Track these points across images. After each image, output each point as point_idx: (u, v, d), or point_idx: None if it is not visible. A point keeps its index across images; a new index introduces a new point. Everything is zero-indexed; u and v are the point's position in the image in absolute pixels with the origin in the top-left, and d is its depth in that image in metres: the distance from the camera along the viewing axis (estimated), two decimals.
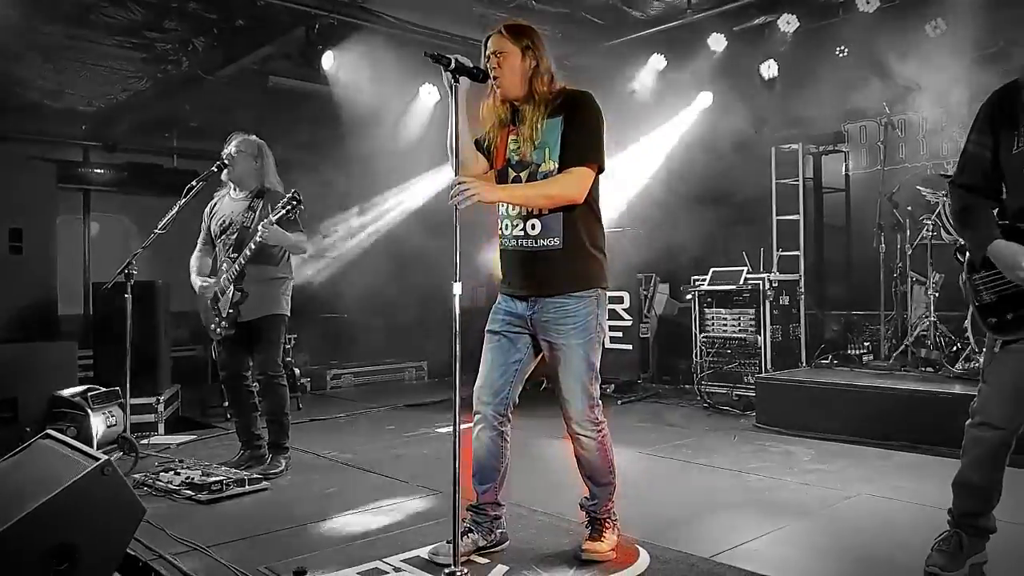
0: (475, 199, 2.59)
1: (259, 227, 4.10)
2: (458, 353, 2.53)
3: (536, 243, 2.86)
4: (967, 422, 2.66)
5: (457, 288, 2.50)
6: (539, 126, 2.81)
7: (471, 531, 2.99)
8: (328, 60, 6.19)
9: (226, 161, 4.38)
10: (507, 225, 2.93)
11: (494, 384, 2.95)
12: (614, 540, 3.01)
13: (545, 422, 4.36)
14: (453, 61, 2.60)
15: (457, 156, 2.78)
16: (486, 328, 3.00)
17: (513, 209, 2.89)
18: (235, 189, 4.49)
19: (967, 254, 2.68)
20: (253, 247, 4.18)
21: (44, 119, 8.71)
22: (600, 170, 2.83)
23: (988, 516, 2.68)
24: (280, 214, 4.09)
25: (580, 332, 2.85)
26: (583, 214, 2.85)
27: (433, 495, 3.88)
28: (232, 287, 4.28)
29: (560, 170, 2.79)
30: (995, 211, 2.61)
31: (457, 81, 2.62)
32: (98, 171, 9.22)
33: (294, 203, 4.09)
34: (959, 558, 2.66)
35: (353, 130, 7.52)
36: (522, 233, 2.88)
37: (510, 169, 2.91)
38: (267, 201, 4.32)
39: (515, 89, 2.84)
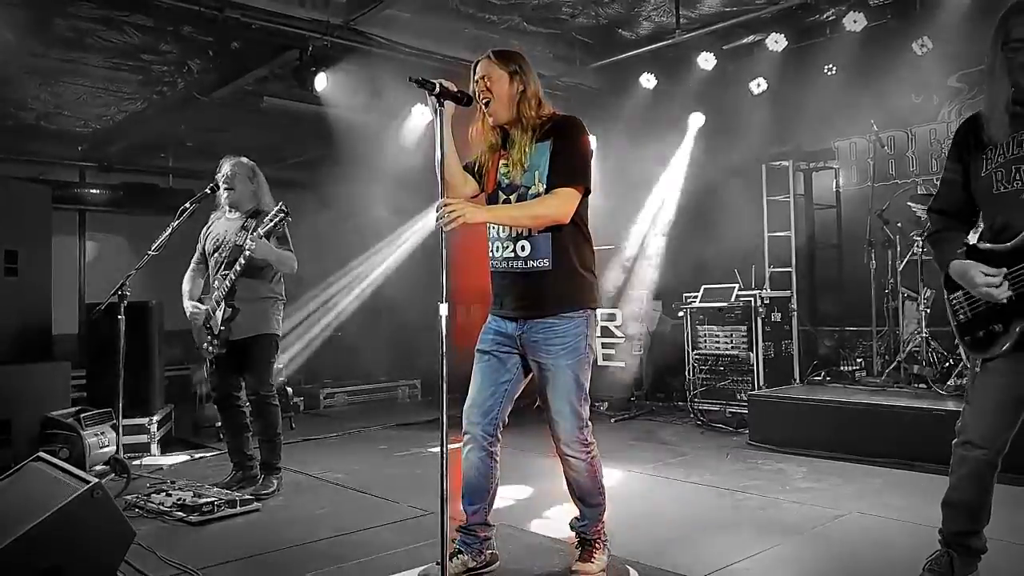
0: (461, 220, 2.61)
1: (247, 240, 4.13)
2: (445, 374, 2.54)
3: (526, 264, 2.88)
4: (953, 441, 2.67)
5: (443, 309, 2.52)
6: (528, 150, 2.85)
7: (461, 552, 2.99)
8: (321, 81, 6.24)
9: (225, 184, 4.43)
10: (497, 247, 2.95)
11: (483, 404, 2.95)
12: (604, 560, 3.00)
13: (535, 441, 4.36)
14: (437, 86, 2.63)
15: (444, 179, 2.81)
16: (476, 348, 3.02)
17: (503, 231, 2.92)
18: (231, 210, 4.52)
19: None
20: (243, 262, 4.20)
21: (40, 140, 8.78)
22: (587, 192, 2.86)
23: (978, 535, 2.67)
24: (268, 227, 4.12)
25: (569, 352, 2.86)
26: (572, 235, 2.88)
27: (424, 515, 3.87)
28: (223, 304, 4.30)
29: (547, 192, 2.82)
30: (968, 235, 2.67)
31: (442, 105, 2.65)
32: (94, 191, 9.28)
33: (281, 215, 4.13)
34: None
35: (346, 150, 7.57)
36: (512, 255, 2.90)
37: (500, 193, 2.94)
38: (260, 220, 4.36)
39: (503, 113, 2.88)
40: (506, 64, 2.87)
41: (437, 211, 2.62)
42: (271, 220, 4.12)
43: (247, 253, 4.13)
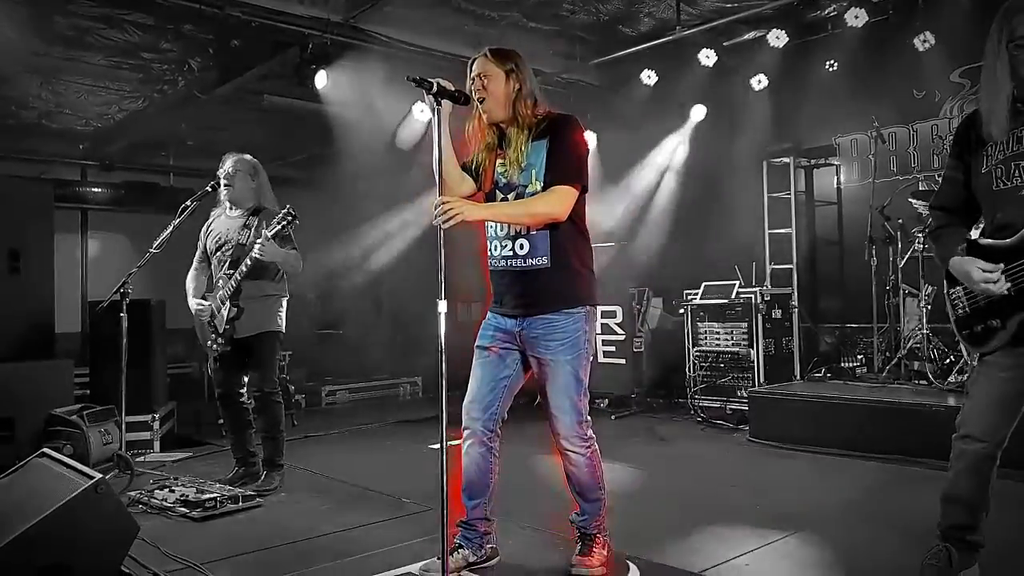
0: (459, 218, 2.62)
1: (255, 243, 4.14)
2: (444, 370, 2.55)
3: (525, 262, 2.89)
4: (953, 435, 2.68)
5: (442, 306, 2.53)
6: (524, 149, 2.86)
7: (461, 547, 3.01)
8: (321, 79, 6.25)
9: (225, 181, 4.44)
10: (495, 246, 2.96)
11: (483, 400, 2.97)
12: (604, 555, 3.02)
13: (536, 437, 4.37)
14: (435, 84, 2.63)
15: (441, 177, 2.82)
16: (475, 344, 3.03)
17: (501, 230, 2.93)
18: (231, 208, 4.54)
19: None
20: (249, 263, 4.22)
21: (42, 139, 8.80)
22: (583, 189, 2.87)
23: (976, 530, 2.66)
24: (276, 229, 4.13)
25: (569, 348, 2.88)
26: (570, 233, 2.89)
27: (424, 511, 3.88)
28: (228, 303, 4.32)
29: (544, 190, 2.82)
30: (970, 231, 2.67)
31: (440, 104, 2.66)
32: (95, 190, 9.30)
33: (289, 218, 4.13)
34: (949, 573, 2.65)
35: (347, 148, 7.59)
36: (511, 253, 2.91)
37: (498, 192, 2.95)
38: (263, 218, 4.37)
39: (499, 111, 2.89)
40: (502, 62, 2.88)
41: (435, 209, 2.63)
42: (278, 222, 4.13)
43: (255, 255, 4.14)
